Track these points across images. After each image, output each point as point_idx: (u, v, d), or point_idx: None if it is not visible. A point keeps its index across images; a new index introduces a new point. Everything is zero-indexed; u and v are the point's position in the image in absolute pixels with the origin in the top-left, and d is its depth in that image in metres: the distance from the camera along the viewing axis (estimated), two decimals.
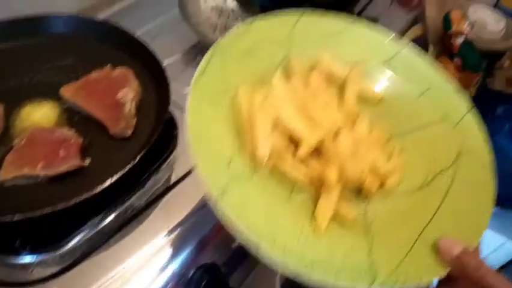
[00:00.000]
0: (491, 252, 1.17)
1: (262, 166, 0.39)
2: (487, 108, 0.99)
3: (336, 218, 0.39)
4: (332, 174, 0.39)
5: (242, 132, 0.41)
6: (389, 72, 0.51)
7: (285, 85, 0.44)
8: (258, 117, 0.40)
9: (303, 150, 0.40)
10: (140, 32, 0.69)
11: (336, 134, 0.42)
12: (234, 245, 0.54)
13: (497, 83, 0.92)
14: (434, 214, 0.40)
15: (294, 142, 0.41)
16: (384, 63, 0.51)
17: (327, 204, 0.39)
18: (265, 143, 0.39)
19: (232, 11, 0.72)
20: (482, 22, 0.91)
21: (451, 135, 0.47)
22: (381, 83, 0.51)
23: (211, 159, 0.37)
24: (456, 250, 0.36)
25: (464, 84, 0.92)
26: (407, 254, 0.37)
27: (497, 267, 1.23)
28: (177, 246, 0.51)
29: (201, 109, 0.39)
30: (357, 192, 0.42)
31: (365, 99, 0.48)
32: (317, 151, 0.41)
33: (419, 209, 0.41)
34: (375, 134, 0.46)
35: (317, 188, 0.40)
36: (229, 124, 0.41)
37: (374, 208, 0.41)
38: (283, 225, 0.37)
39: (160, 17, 0.76)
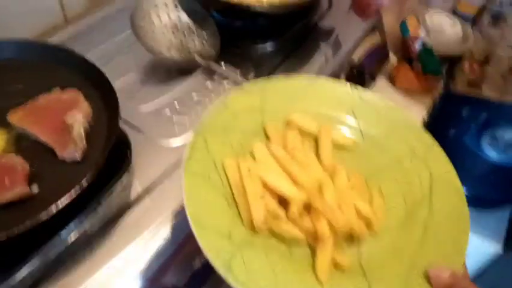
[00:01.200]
0: (468, 254, 1.17)
1: (260, 230, 0.43)
2: (452, 110, 1.01)
3: (335, 266, 0.42)
4: (324, 229, 0.43)
5: (235, 202, 0.45)
6: (354, 119, 0.55)
7: (265, 152, 0.49)
8: (247, 185, 0.44)
9: (294, 210, 0.44)
10: (95, 54, 0.68)
11: (320, 189, 0.46)
12: (194, 266, 0.53)
13: (460, 86, 0.93)
14: (420, 245, 0.44)
15: (283, 201, 0.45)
16: (348, 111, 0.56)
17: (324, 257, 0.42)
18: (259, 208, 0.43)
19: (188, 27, 0.72)
20: (439, 27, 0.93)
21: (421, 168, 0.50)
22: (350, 130, 0.55)
23: (212, 236, 0.40)
24: (444, 276, 0.39)
25: (426, 89, 0.93)
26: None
27: (477, 268, 1.24)
28: (135, 269, 0.50)
29: (195, 189, 0.43)
30: (348, 237, 0.45)
31: (339, 146, 0.53)
32: (306, 206, 0.45)
33: (406, 242, 0.45)
34: (353, 181, 0.49)
35: (313, 240, 0.44)
36: (222, 198, 0.44)
37: (365, 249, 0.45)
38: (291, 282, 0.40)
39: (115, 37, 0.76)
